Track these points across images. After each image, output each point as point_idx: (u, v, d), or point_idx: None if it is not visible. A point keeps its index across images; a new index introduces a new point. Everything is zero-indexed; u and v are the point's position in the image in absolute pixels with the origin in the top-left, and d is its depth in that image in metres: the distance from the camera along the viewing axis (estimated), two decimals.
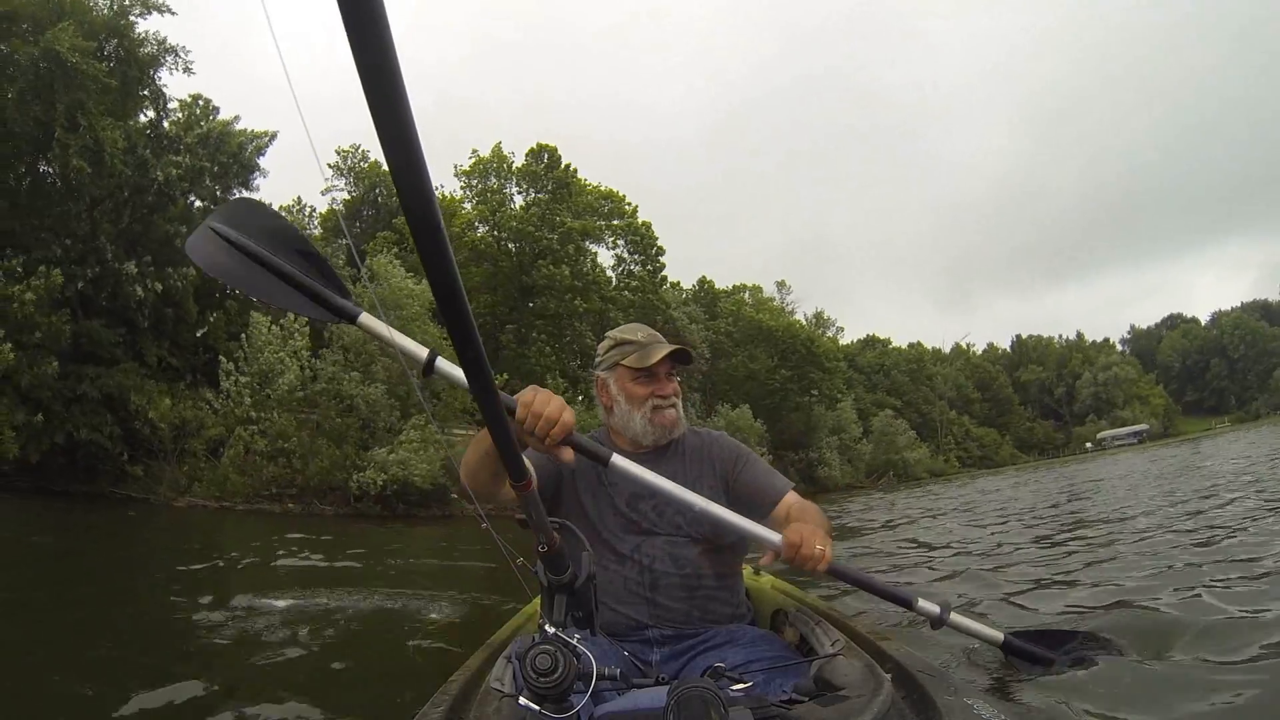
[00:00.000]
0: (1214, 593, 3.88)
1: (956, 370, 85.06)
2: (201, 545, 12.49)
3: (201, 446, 21.65)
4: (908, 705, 1.61)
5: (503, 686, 1.82)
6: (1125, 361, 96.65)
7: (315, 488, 21.50)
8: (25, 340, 19.09)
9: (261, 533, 14.75)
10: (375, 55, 0.63)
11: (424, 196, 0.75)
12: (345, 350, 23.73)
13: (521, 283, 36.78)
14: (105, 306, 22.13)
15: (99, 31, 21.61)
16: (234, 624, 5.55)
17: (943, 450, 69.85)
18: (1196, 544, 5.94)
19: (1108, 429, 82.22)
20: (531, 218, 37.52)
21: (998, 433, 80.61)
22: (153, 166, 22.36)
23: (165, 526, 16.47)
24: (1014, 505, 14.56)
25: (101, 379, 21.02)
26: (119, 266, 21.90)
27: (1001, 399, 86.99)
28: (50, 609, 6.33)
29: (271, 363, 22.65)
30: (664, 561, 2.28)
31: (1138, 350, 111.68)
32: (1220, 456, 20.85)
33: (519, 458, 1.21)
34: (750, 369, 46.23)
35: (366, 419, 22.79)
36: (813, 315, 72.53)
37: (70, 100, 20.13)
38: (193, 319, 24.80)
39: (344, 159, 42.18)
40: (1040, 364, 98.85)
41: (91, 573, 8.81)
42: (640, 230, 41.06)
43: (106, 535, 14.28)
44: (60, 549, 11.51)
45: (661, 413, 2.41)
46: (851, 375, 64.84)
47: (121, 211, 22.59)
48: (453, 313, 0.88)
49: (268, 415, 22.07)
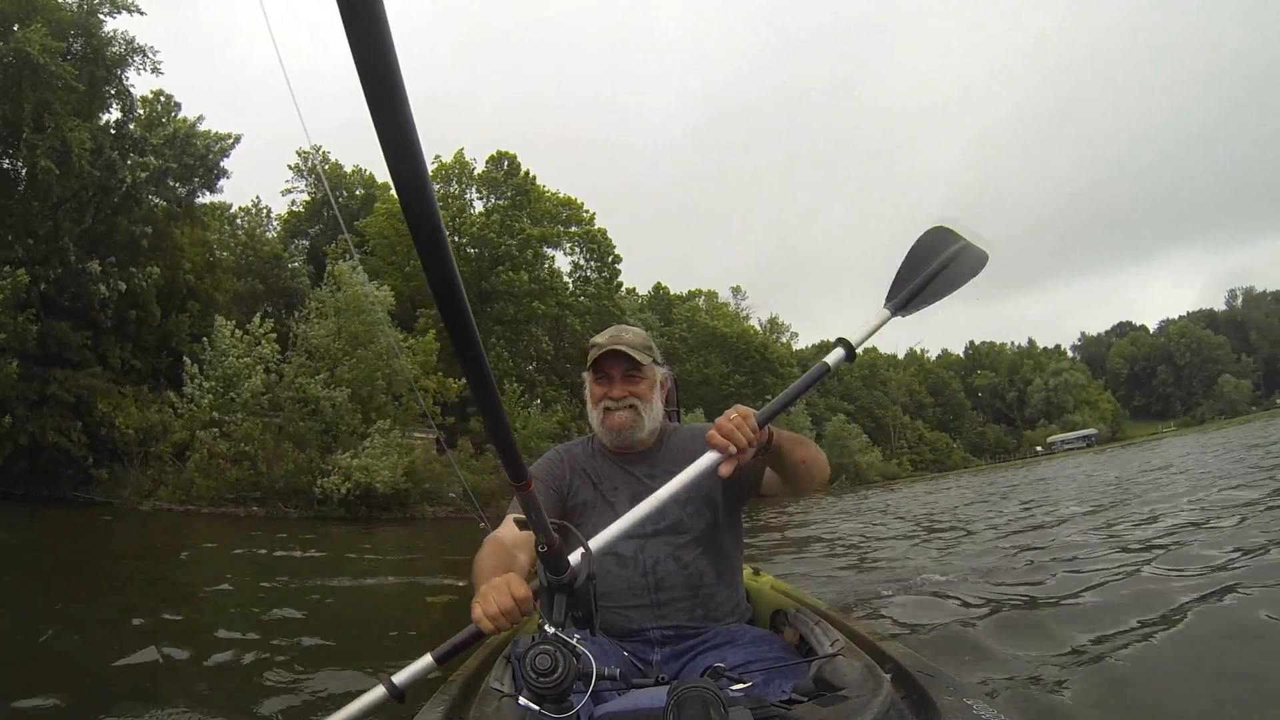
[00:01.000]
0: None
1: (910, 375, 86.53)
2: (171, 546, 12.77)
3: (167, 450, 21.87)
4: (908, 705, 1.62)
5: (502, 686, 1.85)
6: (1075, 368, 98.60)
7: (279, 491, 21.89)
8: None
9: (230, 535, 15.09)
10: (375, 54, 0.63)
11: (423, 196, 0.76)
12: (309, 354, 24.21)
13: (480, 288, 37.19)
14: (68, 307, 22.24)
15: (67, 30, 21.75)
16: (219, 622, 5.66)
17: (896, 454, 71.27)
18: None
19: (1058, 433, 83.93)
20: (492, 224, 38.03)
21: (950, 437, 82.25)
22: (120, 168, 22.56)
23: (135, 529, 16.61)
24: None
25: (69, 381, 21.17)
26: (82, 267, 22.04)
27: (954, 404, 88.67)
28: (37, 606, 6.45)
29: (237, 367, 22.99)
30: (667, 563, 2.30)
31: (1088, 357, 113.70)
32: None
33: (518, 456, 1.19)
34: (705, 374, 47.26)
35: (330, 423, 23.25)
36: (767, 321, 73.80)
37: (37, 99, 20.30)
38: (156, 321, 24.88)
39: (304, 160, 42.00)
40: (993, 369, 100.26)
41: (81, 571, 9.08)
42: (597, 237, 41.75)
43: (81, 537, 14.38)
44: (44, 551, 11.76)
45: (611, 414, 2.40)
46: None
47: (85, 211, 22.70)
48: (452, 312, 0.89)
49: (231, 418, 22.39)
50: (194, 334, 25.13)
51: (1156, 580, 4.50)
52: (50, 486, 21.08)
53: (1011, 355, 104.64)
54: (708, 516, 2.35)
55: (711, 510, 2.36)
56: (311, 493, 21.91)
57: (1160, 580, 4.48)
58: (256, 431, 22.32)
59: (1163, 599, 3.88)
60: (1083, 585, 4.61)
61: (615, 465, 2.45)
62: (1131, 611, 3.66)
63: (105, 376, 22.50)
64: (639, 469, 2.42)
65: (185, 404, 22.60)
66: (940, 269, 2.42)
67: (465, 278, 16.40)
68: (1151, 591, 4.14)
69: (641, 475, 2.39)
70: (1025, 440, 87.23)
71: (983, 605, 4.34)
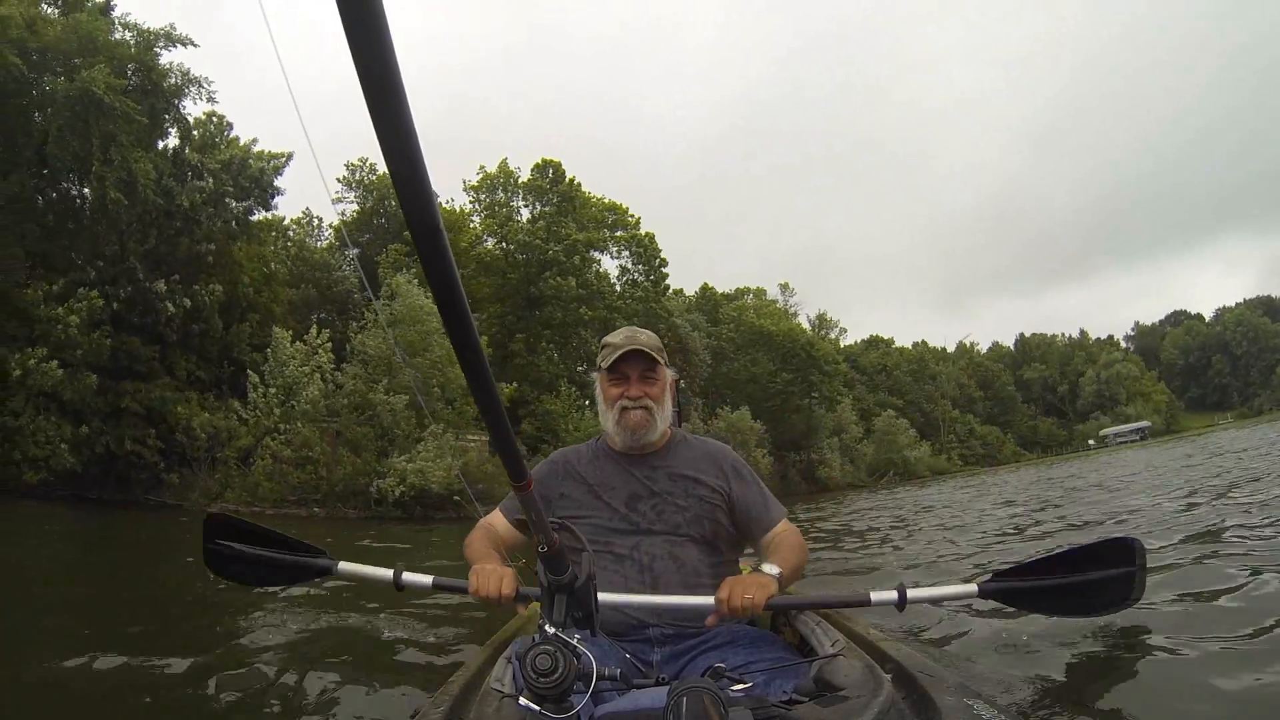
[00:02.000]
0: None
1: (959, 369, 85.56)
2: None
3: (233, 455, 23.03)
4: (908, 705, 1.62)
5: (503, 686, 1.87)
6: (1128, 359, 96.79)
7: (339, 493, 22.83)
8: (68, 358, 20.59)
9: (297, 534, 15.65)
10: (374, 57, 0.64)
11: (423, 198, 0.76)
12: (365, 364, 25.03)
13: (529, 293, 37.91)
14: (137, 323, 23.39)
15: (126, 65, 23.02)
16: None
17: (945, 448, 70.45)
18: None
19: (1110, 426, 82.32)
20: (538, 231, 38.78)
21: (1000, 430, 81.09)
22: (179, 194, 23.76)
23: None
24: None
25: (140, 393, 22.50)
26: (149, 285, 23.23)
27: (1004, 397, 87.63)
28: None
29: (296, 376, 24.03)
30: (663, 561, 2.30)
31: (1141, 347, 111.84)
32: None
33: (518, 457, 1.20)
34: (752, 372, 47.49)
35: (387, 428, 24.07)
36: (815, 317, 73.57)
37: (103, 132, 21.47)
38: (218, 333, 26.02)
39: (352, 172, 42.92)
40: (1044, 362, 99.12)
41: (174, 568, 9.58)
42: (643, 242, 42.33)
43: (165, 537, 15.01)
44: (134, 550, 12.37)
45: (628, 414, 2.41)
46: (852, 376, 65.71)
47: (148, 233, 23.78)
48: (452, 314, 0.89)
49: (293, 425, 23.40)
50: (254, 343, 26.33)
51: (1179, 574, 4.23)
52: (124, 490, 22.44)
53: (1063, 347, 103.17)
54: (706, 526, 2.37)
55: (711, 521, 2.39)
56: (369, 494, 22.77)
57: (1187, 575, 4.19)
58: (316, 438, 23.22)
59: (1189, 590, 3.71)
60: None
61: (617, 466, 2.47)
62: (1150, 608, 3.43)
63: (172, 386, 23.71)
64: (639, 470, 2.45)
65: (250, 412, 23.64)
66: (1083, 585, 2.29)
67: (513, 284, 17.20)
68: (1175, 583, 3.92)
69: (641, 476, 2.43)
70: (1077, 434, 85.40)
71: (983, 605, 4.01)
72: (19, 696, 3.61)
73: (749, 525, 2.41)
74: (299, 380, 24.00)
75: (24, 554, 10.64)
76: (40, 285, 21.28)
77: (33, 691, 3.69)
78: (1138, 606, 3.03)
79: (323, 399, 24.02)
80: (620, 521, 2.35)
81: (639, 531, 2.33)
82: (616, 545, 2.32)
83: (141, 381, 22.87)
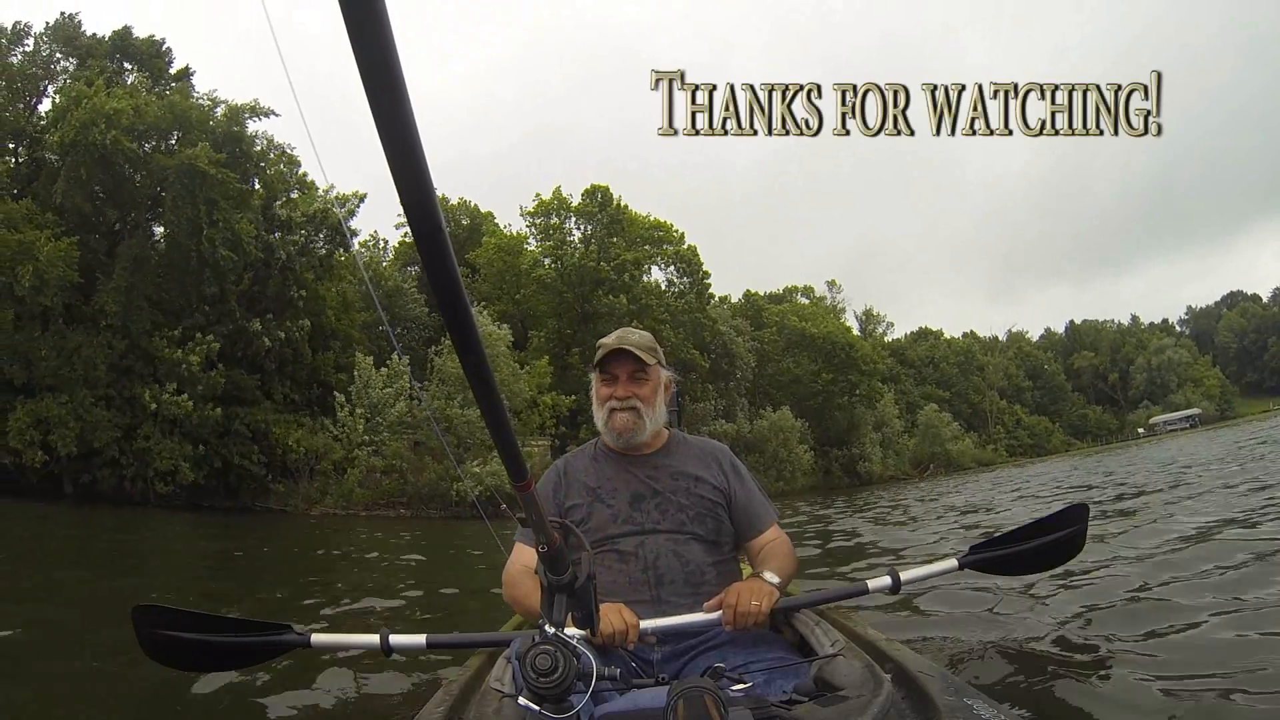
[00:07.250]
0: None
1: (1008, 359, 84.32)
2: (352, 545, 14.78)
3: (329, 466, 26.40)
4: (908, 705, 1.60)
5: (503, 686, 1.88)
6: (1180, 344, 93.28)
7: (424, 496, 26.12)
8: (192, 392, 24.52)
9: (388, 532, 18.04)
10: (376, 52, 0.63)
11: (424, 196, 0.75)
12: (442, 382, 28.42)
13: (583, 310, 40.82)
14: (239, 357, 27.01)
15: (221, 141, 26.67)
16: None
17: (992, 439, 70.44)
18: None
19: (1160, 414, 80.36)
20: (590, 253, 41.83)
21: (1049, 420, 79.99)
22: (276, 247, 27.56)
23: (315, 530, 19.35)
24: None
25: (246, 416, 26.11)
26: (247, 325, 26.74)
27: (1053, 386, 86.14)
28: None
29: (381, 396, 27.39)
30: (667, 559, 2.30)
31: (1196, 331, 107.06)
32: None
33: (519, 456, 1.19)
34: (794, 373, 49.72)
35: (463, 437, 27.08)
36: (862, 313, 74.24)
37: (207, 199, 25.05)
38: (308, 359, 29.40)
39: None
40: (1094, 349, 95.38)
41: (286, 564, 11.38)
42: (687, 256, 44.73)
43: (283, 538, 16.91)
44: (255, 549, 14.04)
45: (615, 415, 2.41)
46: (897, 370, 66.88)
47: (243, 276, 27.26)
48: (453, 315, 0.88)
49: (379, 438, 26.73)
50: (338, 365, 29.75)
51: (1179, 563, 4.46)
52: (234, 499, 25.95)
53: (1113, 334, 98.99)
54: (709, 524, 2.39)
55: (713, 519, 2.41)
56: (449, 496, 25.81)
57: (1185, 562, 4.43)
58: (402, 449, 26.52)
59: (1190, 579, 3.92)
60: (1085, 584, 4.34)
61: (618, 466, 2.47)
62: (1150, 602, 3.61)
63: (272, 409, 27.23)
64: (641, 470, 2.45)
65: (340, 429, 26.86)
66: (1040, 548, 2.58)
67: (568, 301, 21.56)
68: (1173, 576, 4.12)
69: (643, 476, 2.43)
70: (1128, 423, 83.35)
71: (983, 604, 4.17)
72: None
73: (744, 525, 2.46)
74: (384, 400, 27.29)
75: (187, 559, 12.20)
76: (165, 332, 25.11)
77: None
78: (1139, 603, 3.57)
79: (406, 414, 27.25)
80: (624, 521, 2.37)
81: (643, 530, 2.35)
82: (621, 544, 2.34)
83: (247, 406, 26.38)
